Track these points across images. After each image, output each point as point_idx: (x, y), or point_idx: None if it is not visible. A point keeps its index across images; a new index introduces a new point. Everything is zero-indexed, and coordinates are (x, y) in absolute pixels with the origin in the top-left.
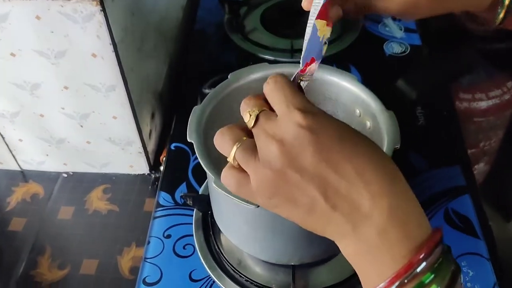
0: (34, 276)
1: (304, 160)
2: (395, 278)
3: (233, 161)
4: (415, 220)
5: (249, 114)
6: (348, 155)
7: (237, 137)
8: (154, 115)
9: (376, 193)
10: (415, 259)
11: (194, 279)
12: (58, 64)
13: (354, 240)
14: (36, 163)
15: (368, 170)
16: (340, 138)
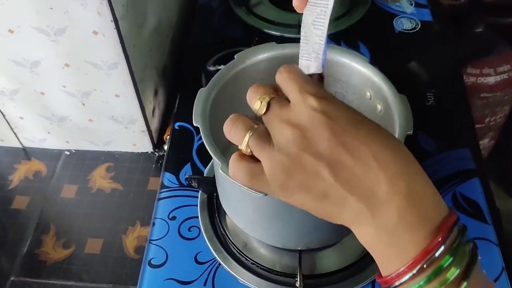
0: (39, 255)
1: (320, 144)
2: (414, 263)
3: (246, 149)
4: (431, 201)
5: (260, 101)
6: (364, 139)
7: (249, 125)
8: (157, 92)
9: (393, 176)
10: (433, 243)
11: (200, 262)
12: (58, 41)
13: (372, 225)
14: (38, 141)
15: (384, 153)
16: (355, 123)
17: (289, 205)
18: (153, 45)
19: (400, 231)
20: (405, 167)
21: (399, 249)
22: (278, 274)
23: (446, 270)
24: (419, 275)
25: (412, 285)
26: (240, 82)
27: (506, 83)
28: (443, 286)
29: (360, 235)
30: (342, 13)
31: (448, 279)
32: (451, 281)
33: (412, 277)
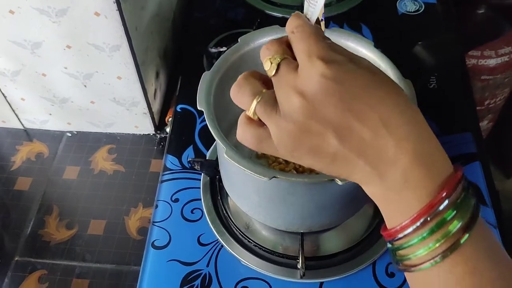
0: (43, 235)
1: (327, 111)
2: (418, 217)
3: (253, 115)
4: (437, 160)
5: (270, 62)
6: (373, 102)
7: (256, 89)
8: (159, 74)
9: (400, 138)
10: (438, 198)
11: (203, 243)
12: (59, 23)
13: (379, 184)
14: (40, 122)
15: (392, 116)
16: (365, 86)
17: (292, 189)
18: (154, 27)
19: (406, 190)
20: (413, 129)
21: (404, 205)
22: (280, 256)
23: (449, 223)
24: (422, 227)
25: (415, 237)
26: (244, 65)
27: (507, 66)
28: (445, 237)
29: (369, 192)
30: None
31: (451, 231)
32: (453, 233)
33: (415, 229)
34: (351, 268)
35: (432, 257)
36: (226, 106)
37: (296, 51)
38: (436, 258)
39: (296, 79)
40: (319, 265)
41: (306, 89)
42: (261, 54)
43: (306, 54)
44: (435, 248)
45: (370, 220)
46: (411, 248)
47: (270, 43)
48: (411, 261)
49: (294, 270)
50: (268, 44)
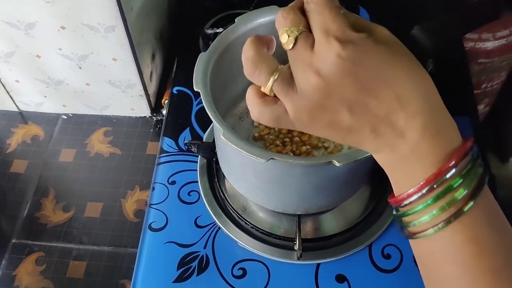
0: (39, 218)
1: (343, 91)
2: (425, 184)
3: (270, 93)
4: (446, 132)
5: (287, 35)
6: (388, 80)
7: (272, 67)
8: (155, 56)
9: (411, 113)
10: (445, 167)
11: (200, 225)
12: (53, 3)
13: (389, 154)
14: (34, 104)
15: (406, 92)
16: (380, 65)
17: (289, 171)
18: (150, 8)
19: (414, 159)
20: (424, 102)
21: (412, 173)
22: (277, 238)
23: (454, 190)
24: (428, 194)
25: (420, 203)
26: (241, 46)
27: (504, 49)
28: (450, 205)
29: (379, 160)
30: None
31: (456, 198)
32: (458, 200)
33: (421, 196)
34: (347, 249)
35: (436, 223)
36: (223, 87)
37: (313, 25)
38: (439, 225)
39: (312, 57)
40: (316, 246)
41: (322, 69)
42: (277, 22)
43: (322, 31)
44: (438, 215)
45: (366, 203)
46: (416, 215)
47: (286, 11)
48: (415, 228)
49: (291, 252)
50: (284, 11)
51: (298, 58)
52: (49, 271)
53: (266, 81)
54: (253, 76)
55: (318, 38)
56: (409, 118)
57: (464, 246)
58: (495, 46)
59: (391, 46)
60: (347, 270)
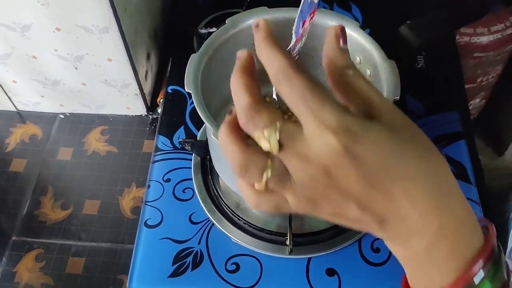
0: (39, 216)
1: (347, 185)
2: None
3: (265, 189)
4: (465, 236)
5: (267, 141)
6: (396, 175)
7: (262, 164)
8: (150, 55)
9: (424, 212)
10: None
11: (194, 222)
12: (48, 5)
13: (404, 250)
14: (32, 104)
15: (415, 188)
16: (386, 158)
17: None
18: (144, 8)
19: (428, 263)
20: (438, 201)
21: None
22: (269, 233)
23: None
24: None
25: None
26: (232, 47)
27: (499, 43)
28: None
29: (392, 251)
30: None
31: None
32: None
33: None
34: (337, 244)
35: None
36: (215, 87)
37: (295, 111)
38: None
39: (306, 149)
40: (307, 241)
41: (320, 160)
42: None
43: (311, 120)
44: None
45: None
46: None
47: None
48: None
49: (283, 247)
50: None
51: (291, 155)
52: (48, 268)
53: (258, 180)
54: (245, 178)
55: (309, 128)
56: (422, 217)
57: None
58: (490, 40)
59: (400, 132)
60: (337, 264)
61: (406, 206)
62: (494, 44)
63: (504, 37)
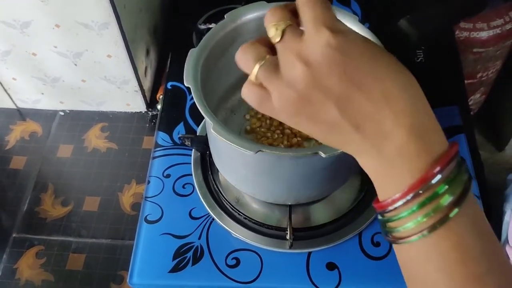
0: (39, 213)
1: (330, 81)
2: (411, 189)
3: (256, 80)
4: (433, 136)
5: (275, 28)
6: (376, 76)
7: (259, 55)
8: (149, 52)
9: (399, 112)
10: (430, 172)
11: (194, 217)
12: (47, 2)
13: (374, 156)
14: (32, 102)
15: (393, 91)
16: (369, 59)
17: (278, 162)
18: (143, 5)
19: (399, 163)
20: (412, 104)
21: (397, 178)
22: (270, 228)
23: (440, 197)
24: (413, 201)
25: (405, 210)
26: (231, 42)
27: (499, 38)
28: (435, 211)
29: (362, 164)
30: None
31: (442, 205)
32: (443, 207)
33: (406, 202)
34: (338, 238)
35: (420, 230)
36: (214, 82)
37: (303, 19)
38: (424, 231)
39: (301, 46)
40: (307, 235)
41: (310, 58)
42: (266, 20)
43: (312, 22)
44: (423, 221)
45: (356, 192)
46: (400, 221)
47: (274, 9)
48: (399, 234)
49: (283, 241)
50: (272, 9)
51: (286, 48)
52: (49, 264)
53: (251, 68)
54: (241, 61)
55: (308, 28)
56: (397, 117)
57: (449, 253)
58: (490, 36)
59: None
60: (338, 258)
61: (384, 107)
62: (493, 39)
63: (504, 32)
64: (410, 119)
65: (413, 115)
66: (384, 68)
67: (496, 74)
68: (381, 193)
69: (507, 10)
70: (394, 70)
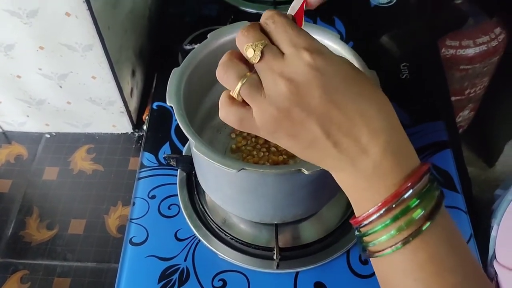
0: (24, 237)
1: (311, 100)
2: (383, 204)
3: (238, 97)
4: (406, 153)
5: (253, 49)
6: (353, 95)
7: (241, 72)
8: (135, 72)
9: (374, 130)
10: (403, 187)
11: (180, 238)
12: (31, 24)
13: (351, 173)
14: (18, 124)
15: (369, 110)
16: (346, 78)
17: (262, 180)
18: (128, 26)
19: (375, 178)
20: (387, 123)
21: (372, 193)
22: (256, 248)
23: (412, 211)
24: (386, 214)
25: (379, 223)
26: (214, 61)
27: (485, 55)
28: (408, 225)
29: (339, 180)
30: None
31: (413, 219)
32: (415, 220)
33: (379, 216)
34: (325, 257)
35: (394, 243)
36: (198, 101)
37: (278, 40)
38: (398, 244)
39: (283, 66)
40: (295, 255)
41: (293, 77)
42: (238, 41)
43: (290, 44)
44: (396, 235)
45: (344, 210)
46: (375, 235)
47: (246, 30)
48: (375, 247)
49: (271, 261)
50: (243, 30)
51: (268, 67)
52: None
53: (234, 85)
54: (223, 78)
55: (287, 49)
56: (372, 134)
57: (424, 265)
58: (476, 53)
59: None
60: (326, 277)
61: (360, 125)
62: (480, 56)
63: (490, 49)
64: (385, 136)
65: (387, 133)
66: (361, 89)
67: (484, 91)
68: (357, 209)
69: (492, 27)
70: (369, 89)
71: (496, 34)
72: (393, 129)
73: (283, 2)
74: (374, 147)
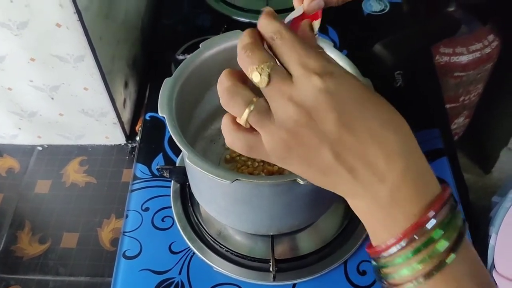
0: (15, 251)
1: (323, 125)
2: (405, 235)
3: (245, 124)
4: (425, 179)
5: (259, 73)
6: (367, 118)
7: (248, 98)
8: (128, 83)
9: (390, 154)
10: (425, 217)
11: (174, 251)
12: (21, 35)
13: (366, 199)
14: (9, 137)
15: (384, 133)
16: (359, 100)
17: (257, 191)
18: (121, 36)
19: (393, 207)
20: (403, 146)
21: (391, 222)
22: (252, 260)
23: (435, 242)
24: (408, 247)
25: (400, 256)
26: (206, 71)
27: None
28: (431, 257)
29: (354, 206)
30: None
31: (438, 251)
32: (440, 253)
33: (400, 249)
34: (323, 268)
35: (415, 277)
36: (191, 111)
37: (287, 61)
38: (419, 279)
39: (291, 89)
40: (291, 266)
41: (303, 101)
42: (241, 62)
43: (299, 65)
44: (419, 268)
45: (340, 220)
46: (395, 267)
47: (249, 50)
48: (394, 280)
49: (267, 273)
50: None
51: (276, 92)
52: None
53: (241, 112)
54: (228, 106)
55: (296, 72)
56: (389, 159)
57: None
58: (470, 60)
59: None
60: None
61: (375, 148)
62: (473, 63)
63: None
64: (403, 161)
65: (406, 157)
66: (375, 111)
67: (478, 97)
68: (374, 238)
69: (485, 34)
70: (384, 112)
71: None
72: (412, 153)
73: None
74: (391, 173)
